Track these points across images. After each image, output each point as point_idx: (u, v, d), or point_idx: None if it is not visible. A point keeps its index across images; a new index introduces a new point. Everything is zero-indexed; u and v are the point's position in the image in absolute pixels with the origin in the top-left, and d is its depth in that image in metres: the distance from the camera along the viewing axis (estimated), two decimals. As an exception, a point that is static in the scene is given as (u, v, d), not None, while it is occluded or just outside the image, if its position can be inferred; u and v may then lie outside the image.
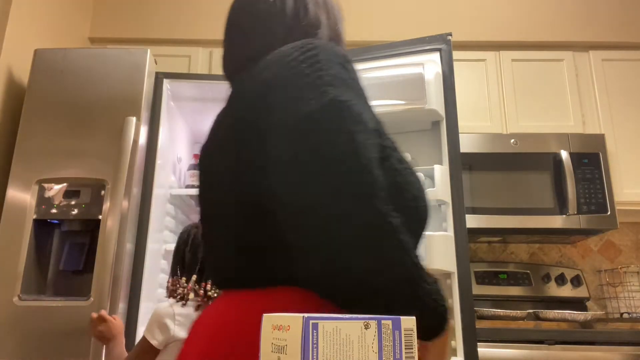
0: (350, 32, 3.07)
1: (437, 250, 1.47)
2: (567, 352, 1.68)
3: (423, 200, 0.76)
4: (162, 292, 1.85)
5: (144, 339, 1.27)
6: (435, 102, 1.60)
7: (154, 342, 1.24)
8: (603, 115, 2.32)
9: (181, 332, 1.23)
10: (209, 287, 1.30)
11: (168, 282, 1.37)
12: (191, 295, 1.32)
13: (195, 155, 2.20)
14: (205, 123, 2.34)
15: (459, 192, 1.57)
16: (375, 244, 0.57)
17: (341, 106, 0.63)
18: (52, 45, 2.02)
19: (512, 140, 2.19)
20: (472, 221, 2.02)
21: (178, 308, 1.27)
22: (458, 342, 1.45)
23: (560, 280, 2.29)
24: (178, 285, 1.31)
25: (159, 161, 1.86)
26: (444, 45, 1.71)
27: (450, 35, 1.73)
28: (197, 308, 1.29)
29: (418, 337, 0.45)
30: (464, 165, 1.81)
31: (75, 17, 2.41)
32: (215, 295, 1.29)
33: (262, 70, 0.72)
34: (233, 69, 0.85)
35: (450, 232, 1.54)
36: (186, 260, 1.35)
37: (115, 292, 1.56)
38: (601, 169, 2.14)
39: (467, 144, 2.13)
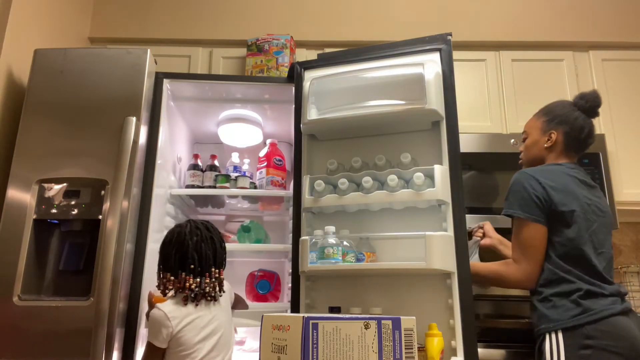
0: (350, 32, 3.05)
1: (437, 250, 1.47)
2: (567, 352, 1.68)
3: None
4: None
5: (150, 343, 1.35)
6: (435, 102, 1.60)
7: (157, 344, 1.34)
8: (603, 115, 2.30)
9: (178, 326, 1.33)
10: (191, 280, 1.39)
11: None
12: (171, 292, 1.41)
13: (195, 155, 2.20)
14: (206, 123, 2.34)
15: (459, 192, 1.57)
16: None
17: None
18: (52, 45, 2.02)
19: (512, 140, 2.19)
20: (472, 221, 2.02)
21: (167, 307, 1.36)
22: (458, 342, 1.45)
23: (560, 280, 2.28)
24: (165, 280, 1.41)
25: (159, 161, 1.86)
26: (444, 45, 1.71)
27: (450, 35, 1.73)
28: (185, 301, 1.38)
29: None
30: (464, 165, 1.81)
31: (75, 17, 2.41)
32: (197, 288, 1.38)
33: None
34: None
35: (450, 232, 1.54)
36: (171, 258, 1.42)
37: (115, 292, 1.56)
38: (601, 169, 2.14)
39: (467, 144, 2.12)
